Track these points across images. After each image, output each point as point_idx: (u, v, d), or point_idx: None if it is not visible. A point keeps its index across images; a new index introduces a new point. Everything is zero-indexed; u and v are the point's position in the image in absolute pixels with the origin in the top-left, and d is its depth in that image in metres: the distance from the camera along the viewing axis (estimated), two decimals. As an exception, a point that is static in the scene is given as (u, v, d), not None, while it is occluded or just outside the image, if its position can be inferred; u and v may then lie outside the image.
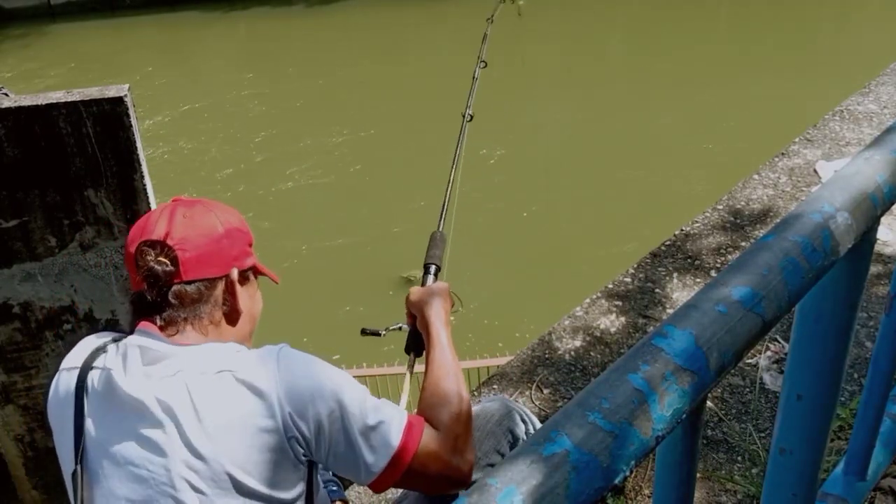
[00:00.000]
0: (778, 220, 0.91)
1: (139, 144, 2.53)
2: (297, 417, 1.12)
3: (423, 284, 1.62)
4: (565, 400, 2.40)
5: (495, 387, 2.48)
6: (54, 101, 2.38)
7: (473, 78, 2.44)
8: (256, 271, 1.36)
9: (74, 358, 1.24)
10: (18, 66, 10.94)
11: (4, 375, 2.76)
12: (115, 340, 1.24)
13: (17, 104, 2.36)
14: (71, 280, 2.66)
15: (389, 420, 1.18)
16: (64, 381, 1.23)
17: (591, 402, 0.61)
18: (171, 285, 1.21)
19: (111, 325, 2.78)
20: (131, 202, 2.58)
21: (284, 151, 8.35)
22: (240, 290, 1.28)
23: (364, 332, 1.74)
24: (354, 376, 4.44)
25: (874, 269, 2.80)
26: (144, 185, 2.57)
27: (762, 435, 2.20)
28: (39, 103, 2.37)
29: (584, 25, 11.09)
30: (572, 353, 2.59)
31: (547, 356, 2.58)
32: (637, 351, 0.66)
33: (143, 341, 1.19)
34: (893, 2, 10.71)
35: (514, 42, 10.29)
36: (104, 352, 1.21)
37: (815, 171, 3.54)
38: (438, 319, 1.44)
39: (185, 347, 1.19)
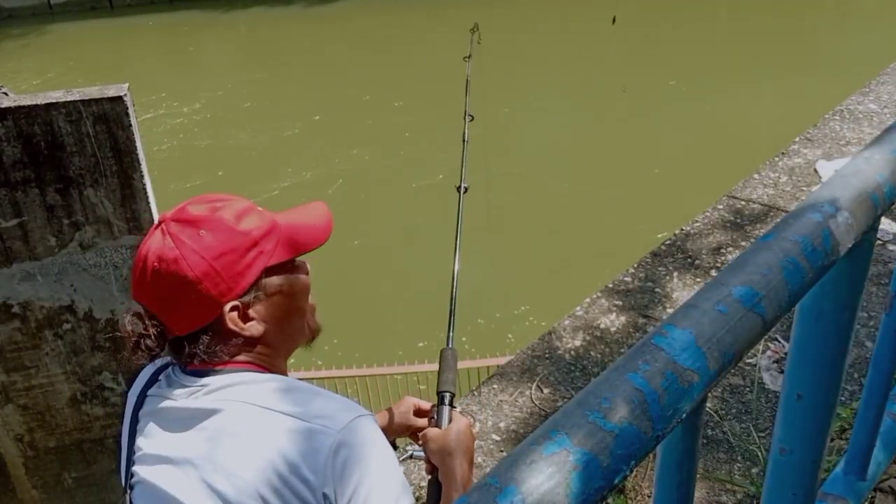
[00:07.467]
0: (778, 220, 0.90)
1: (139, 143, 2.53)
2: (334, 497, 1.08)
3: (438, 417, 1.47)
4: (565, 399, 2.40)
5: (495, 386, 2.48)
6: (54, 101, 2.38)
7: (464, 141, 1.99)
8: (285, 266, 1.19)
9: (135, 386, 1.26)
10: (18, 65, 10.94)
11: (4, 375, 2.76)
12: (165, 367, 1.23)
13: (17, 104, 2.36)
14: (71, 280, 2.66)
15: None
16: (126, 406, 1.26)
17: (591, 402, 0.61)
18: (169, 339, 1.17)
19: (111, 325, 2.78)
20: (131, 202, 2.58)
21: (283, 151, 8.36)
22: (242, 321, 1.15)
23: None
24: (357, 376, 4.37)
25: (874, 269, 2.80)
26: (144, 184, 2.57)
27: (762, 435, 2.20)
28: (39, 103, 2.37)
29: (583, 25, 11.09)
30: (572, 352, 2.59)
31: (547, 356, 2.58)
32: (637, 350, 0.66)
33: (183, 379, 1.18)
34: (893, 2, 10.71)
35: (511, 41, 10.30)
36: (159, 378, 1.22)
37: (815, 170, 3.54)
38: (462, 478, 1.35)
39: (229, 374, 1.14)
